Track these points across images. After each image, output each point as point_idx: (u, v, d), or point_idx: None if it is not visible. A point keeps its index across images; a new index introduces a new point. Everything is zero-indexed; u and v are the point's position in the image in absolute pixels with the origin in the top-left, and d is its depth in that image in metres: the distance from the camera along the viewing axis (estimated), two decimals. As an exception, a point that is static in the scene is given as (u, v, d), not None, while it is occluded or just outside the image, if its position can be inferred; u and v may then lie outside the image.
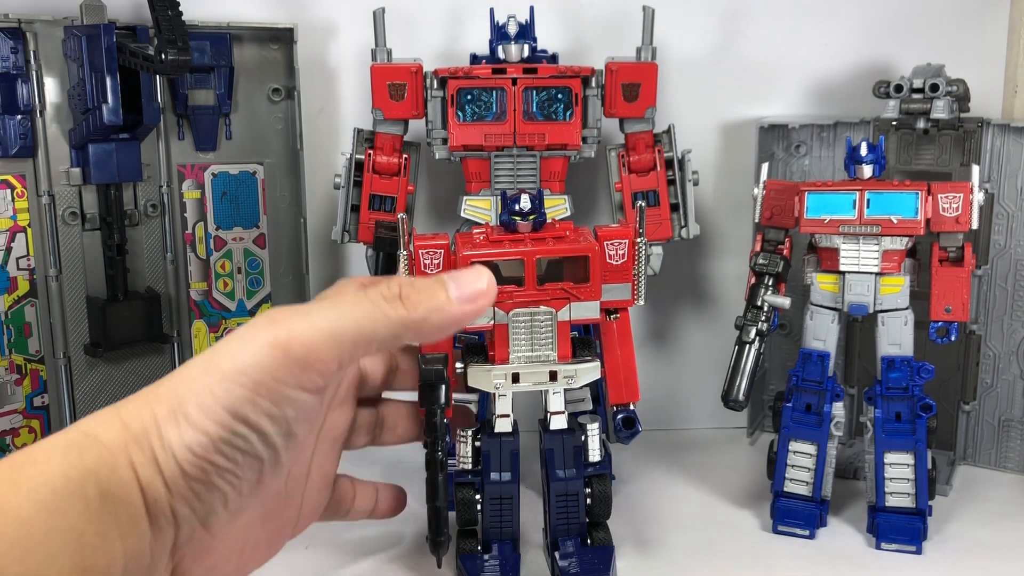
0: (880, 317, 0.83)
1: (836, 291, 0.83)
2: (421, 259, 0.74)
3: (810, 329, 0.85)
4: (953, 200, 0.81)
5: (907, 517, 0.83)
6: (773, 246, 0.87)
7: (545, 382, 0.74)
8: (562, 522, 0.77)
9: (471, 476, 0.77)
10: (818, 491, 0.86)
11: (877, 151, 0.83)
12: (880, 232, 0.81)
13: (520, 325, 0.73)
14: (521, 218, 0.75)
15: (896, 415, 0.83)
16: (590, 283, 0.74)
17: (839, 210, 0.82)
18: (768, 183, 0.87)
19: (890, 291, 0.82)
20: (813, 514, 0.85)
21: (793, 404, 0.85)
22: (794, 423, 0.85)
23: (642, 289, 0.77)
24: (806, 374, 0.84)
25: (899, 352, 0.83)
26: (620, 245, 0.75)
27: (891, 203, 0.81)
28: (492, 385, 0.74)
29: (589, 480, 0.78)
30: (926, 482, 0.83)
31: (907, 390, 0.82)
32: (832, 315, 0.84)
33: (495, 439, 0.76)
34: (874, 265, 0.82)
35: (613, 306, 0.76)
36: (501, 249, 0.73)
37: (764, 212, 0.87)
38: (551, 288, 0.73)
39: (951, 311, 0.83)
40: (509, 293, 0.73)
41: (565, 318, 0.74)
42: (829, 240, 0.83)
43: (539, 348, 0.74)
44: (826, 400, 0.84)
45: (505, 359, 0.73)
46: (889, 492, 0.84)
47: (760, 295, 0.83)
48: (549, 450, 0.77)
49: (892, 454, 0.83)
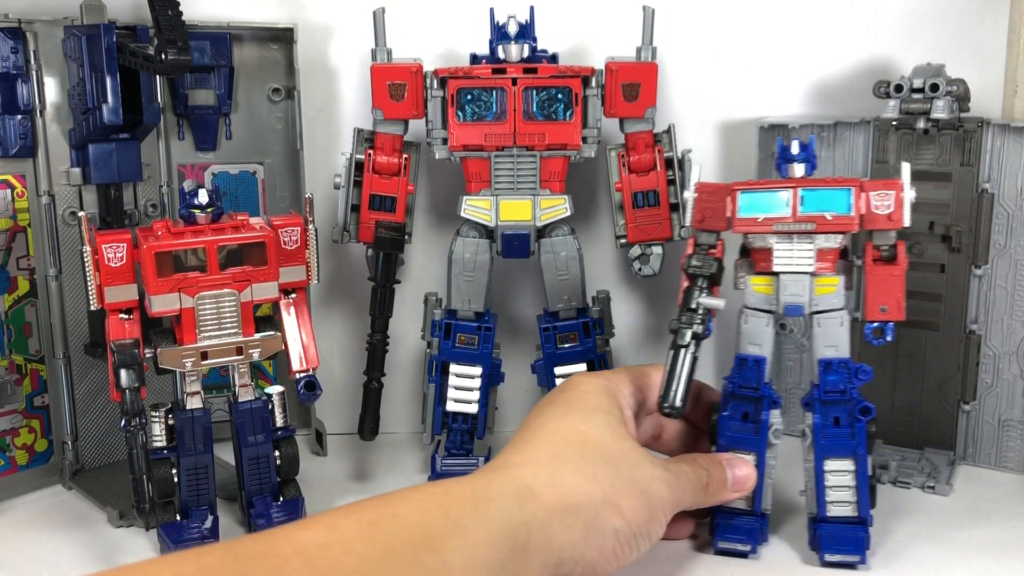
0: (816, 319, 0.80)
1: (770, 293, 0.80)
2: (104, 253, 0.80)
3: (745, 333, 0.81)
4: (885, 197, 0.78)
5: (850, 527, 0.80)
6: (705, 249, 0.82)
7: (232, 357, 0.83)
8: (255, 483, 0.86)
9: (167, 452, 0.84)
10: (758, 504, 0.82)
11: (808, 150, 0.80)
12: (814, 230, 0.78)
13: (206, 307, 0.81)
14: (200, 211, 0.82)
15: (835, 420, 0.80)
16: (268, 266, 0.83)
17: (772, 208, 0.79)
18: (699, 186, 0.82)
19: (825, 291, 0.79)
20: (754, 528, 0.81)
21: (730, 413, 0.81)
22: (731, 433, 0.81)
23: (316, 270, 0.87)
24: (742, 380, 0.81)
25: (836, 354, 0.80)
26: (293, 232, 0.86)
27: (825, 200, 0.78)
28: (182, 364, 0.82)
29: (277, 443, 0.87)
30: (867, 489, 0.80)
31: (845, 393, 0.79)
32: (767, 318, 0.81)
33: (187, 415, 0.84)
34: (808, 265, 0.79)
35: (291, 286, 0.86)
36: (183, 240, 0.81)
37: (696, 215, 0.82)
38: (233, 272, 0.82)
39: (886, 310, 0.80)
40: (194, 279, 0.81)
41: (247, 299, 0.83)
42: (763, 240, 0.80)
43: (225, 327, 0.82)
44: (763, 407, 0.81)
45: (193, 340, 0.82)
46: (830, 501, 0.80)
47: (694, 298, 0.79)
48: (240, 421, 0.85)
49: (832, 461, 0.80)
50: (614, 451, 0.70)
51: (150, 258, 0.80)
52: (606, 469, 0.68)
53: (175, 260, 0.81)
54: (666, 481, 0.71)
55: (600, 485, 0.67)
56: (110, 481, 0.96)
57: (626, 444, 0.71)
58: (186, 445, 0.84)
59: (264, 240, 0.83)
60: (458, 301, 0.94)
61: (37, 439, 0.97)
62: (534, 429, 0.71)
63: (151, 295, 0.80)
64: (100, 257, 0.80)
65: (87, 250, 0.81)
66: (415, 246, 1.03)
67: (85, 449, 0.99)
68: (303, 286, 0.88)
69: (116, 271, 0.81)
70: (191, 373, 0.84)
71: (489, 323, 0.94)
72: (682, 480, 0.73)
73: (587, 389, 0.75)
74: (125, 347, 0.81)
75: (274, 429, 0.88)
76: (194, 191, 0.83)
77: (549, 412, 0.73)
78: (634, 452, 0.71)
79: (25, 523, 0.90)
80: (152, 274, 0.80)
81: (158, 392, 0.96)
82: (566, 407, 0.73)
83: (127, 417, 0.80)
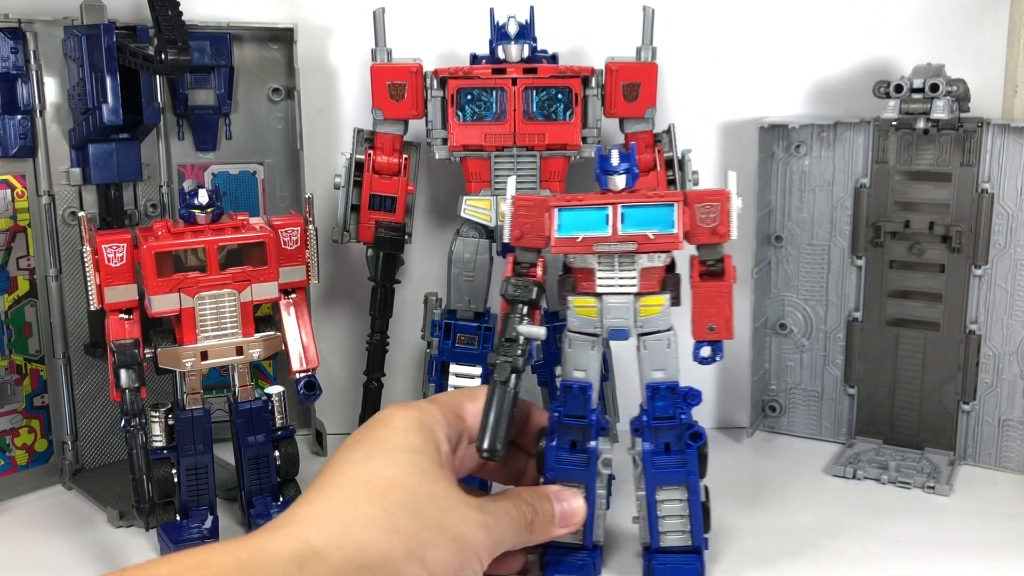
0: (642, 341, 0.75)
1: (595, 315, 0.75)
2: (104, 253, 0.80)
3: (570, 359, 0.76)
4: (711, 210, 0.73)
5: (684, 556, 0.77)
6: (526, 268, 0.76)
7: (232, 357, 0.83)
8: (255, 483, 0.87)
9: (166, 452, 0.84)
10: (589, 537, 0.77)
11: (629, 159, 0.75)
12: (636, 249, 0.73)
13: (206, 307, 0.81)
14: (200, 211, 0.82)
15: (665, 446, 0.76)
16: (268, 266, 0.83)
17: (592, 227, 0.73)
18: (516, 199, 0.76)
19: (650, 312, 0.74)
20: (586, 564, 0.77)
21: (557, 443, 0.75)
22: (559, 465, 0.75)
23: (316, 270, 0.87)
24: (568, 409, 0.75)
25: (664, 378, 0.75)
26: (293, 232, 0.86)
27: (646, 217, 0.73)
28: (182, 364, 0.82)
29: (277, 443, 0.88)
30: (700, 517, 0.76)
31: (675, 418, 0.75)
32: (591, 342, 0.75)
33: (187, 415, 0.84)
34: (632, 285, 0.74)
35: (290, 286, 0.86)
36: (183, 240, 0.81)
37: (513, 232, 0.75)
38: (233, 272, 0.82)
39: (715, 329, 0.75)
40: (194, 280, 0.81)
41: (247, 299, 0.83)
42: (583, 260, 0.74)
43: (225, 327, 0.82)
44: (591, 436, 0.75)
45: (193, 340, 0.82)
46: (663, 532, 0.77)
47: (513, 326, 0.73)
48: (240, 421, 0.85)
49: (664, 490, 0.76)
50: (422, 497, 0.63)
51: (150, 258, 0.80)
52: (410, 519, 0.61)
53: (175, 260, 0.81)
54: (482, 525, 0.65)
55: (401, 537, 0.60)
56: (110, 481, 0.96)
57: (438, 487, 0.64)
58: (186, 445, 0.84)
59: (264, 240, 0.83)
60: (458, 301, 0.94)
61: (37, 439, 0.97)
62: (332, 476, 0.63)
63: (151, 295, 0.80)
64: (100, 257, 0.80)
65: (87, 250, 0.81)
66: (415, 246, 1.03)
67: (85, 449, 0.99)
68: (303, 286, 0.88)
69: (116, 271, 0.81)
70: (191, 373, 0.84)
71: (489, 323, 0.94)
72: (502, 521, 0.67)
73: (397, 426, 0.67)
74: (125, 347, 0.81)
75: (274, 429, 0.88)
76: (194, 191, 0.83)
77: (352, 454, 0.65)
78: (446, 496, 0.64)
79: (25, 523, 0.90)
80: (152, 274, 0.80)
81: (158, 392, 0.96)
82: (370, 448, 0.66)
83: (127, 417, 0.80)
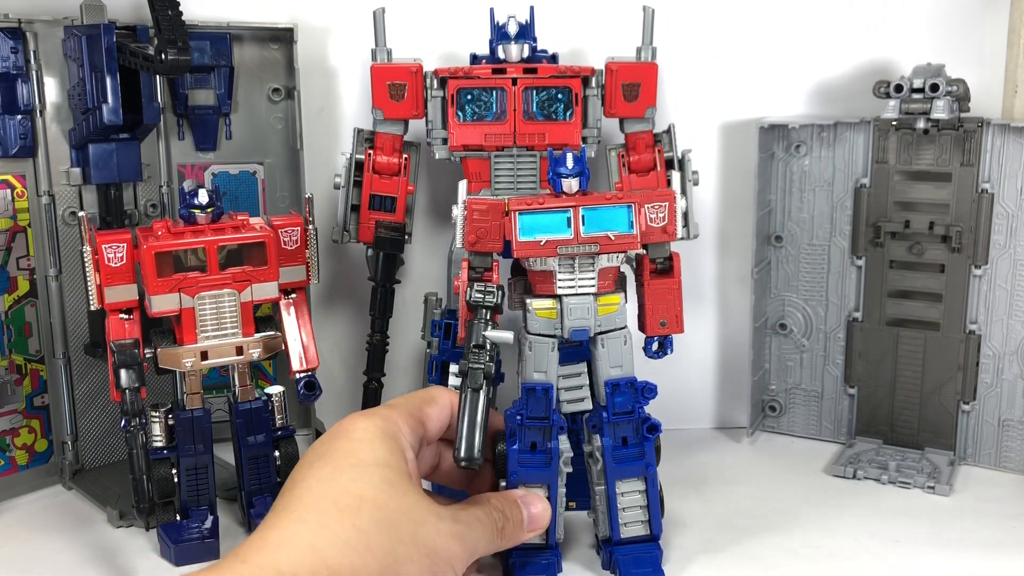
0: (600, 339, 0.77)
1: (554, 317, 0.76)
2: (104, 253, 0.80)
3: (531, 361, 0.76)
4: (659, 210, 0.76)
5: (643, 546, 0.79)
6: (480, 273, 0.78)
7: (232, 357, 0.83)
8: (255, 483, 0.86)
9: (167, 452, 0.84)
10: (552, 536, 0.78)
11: (582, 162, 0.76)
12: (598, 251, 0.74)
13: (206, 307, 0.81)
14: (200, 211, 0.82)
15: (623, 440, 0.78)
16: (268, 266, 0.83)
17: (554, 230, 0.74)
18: (469, 203, 0.76)
19: (608, 311, 0.77)
20: (551, 563, 0.78)
21: (518, 445, 0.76)
22: (522, 467, 0.76)
23: (316, 270, 0.87)
24: (531, 411, 0.76)
25: (622, 374, 0.77)
26: (293, 232, 0.86)
27: (606, 218, 0.75)
28: (182, 364, 0.82)
29: (277, 443, 0.88)
30: (658, 506, 0.79)
31: (632, 412, 0.77)
32: (551, 343, 0.76)
33: (187, 415, 0.84)
34: (591, 286, 0.75)
35: (291, 286, 0.86)
36: (183, 240, 0.81)
37: (468, 236, 0.76)
38: (233, 272, 0.82)
39: (666, 324, 0.79)
40: (194, 280, 0.81)
41: (247, 299, 0.83)
42: (543, 263, 0.75)
43: (225, 327, 0.82)
44: (552, 436, 0.77)
45: (193, 340, 0.82)
46: (624, 523, 0.79)
47: (480, 331, 0.74)
48: (240, 421, 0.85)
49: (624, 483, 0.78)
50: (393, 512, 0.62)
51: (150, 258, 0.80)
52: (383, 536, 0.61)
53: (175, 260, 0.81)
54: (456, 535, 0.65)
55: (375, 556, 0.59)
56: (110, 481, 0.96)
57: (408, 500, 0.64)
58: (186, 445, 0.84)
59: (264, 240, 0.83)
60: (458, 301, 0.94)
61: (37, 439, 0.97)
62: (300, 494, 0.62)
63: (151, 295, 0.81)
64: (100, 257, 0.80)
65: (87, 250, 0.81)
66: (415, 246, 1.03)
67: (85, 449, 0.99)
68: (303, 286, 0.88)
69: (116, 271, 0.81)
70: (191, 373, 0.84)
71: (489, 323, 0.94)
72: (475, 530, 0.68)
73: (361, 437, 0.66)
74: (125, 347, 0.81)
75: (274, 429, 0.88)
76: (194, 191, 0.83)
77: (317, 471, 0.64)
78: (418, 509, 0.64)
79: (25, 523, 0.90)
80: (152, 274, 0.80)
81: (158, 392, 0.96)
82: (336, 463, 0.65)
83: (127, 417, 0.80)
